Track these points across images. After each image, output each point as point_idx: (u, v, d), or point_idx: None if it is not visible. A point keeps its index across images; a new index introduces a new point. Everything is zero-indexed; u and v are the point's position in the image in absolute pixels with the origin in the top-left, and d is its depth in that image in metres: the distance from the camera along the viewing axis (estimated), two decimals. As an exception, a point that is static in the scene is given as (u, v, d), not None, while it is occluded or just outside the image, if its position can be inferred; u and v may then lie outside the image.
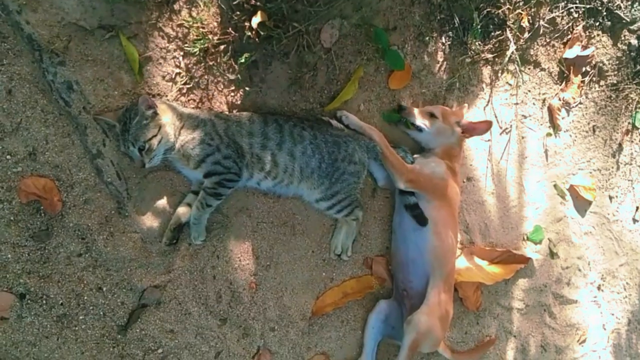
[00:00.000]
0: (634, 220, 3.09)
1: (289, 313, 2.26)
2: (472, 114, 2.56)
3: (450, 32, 2.43)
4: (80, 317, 1.95)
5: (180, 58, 2.02)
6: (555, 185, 2.80)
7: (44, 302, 1.90)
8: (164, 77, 2.01)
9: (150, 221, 2.02)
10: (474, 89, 2.56)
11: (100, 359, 1.98)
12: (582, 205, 2.90)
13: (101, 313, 1.98)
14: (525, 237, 2.73)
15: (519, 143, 2.69)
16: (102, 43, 1.90)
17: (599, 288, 2.99)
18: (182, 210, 2.03)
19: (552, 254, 2.80)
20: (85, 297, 1.95)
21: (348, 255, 2.32)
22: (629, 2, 2.76)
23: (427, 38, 2.38)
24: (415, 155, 2.37)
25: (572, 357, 2.91)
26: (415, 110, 2.35)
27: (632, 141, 3.03)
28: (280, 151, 2.06)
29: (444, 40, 2.43)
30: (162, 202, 2.04)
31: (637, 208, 3.08)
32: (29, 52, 1.82)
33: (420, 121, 2.33)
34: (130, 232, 2.00)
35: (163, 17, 1.98)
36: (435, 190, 2.25)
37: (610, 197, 3.00)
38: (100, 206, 1.95)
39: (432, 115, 2.33)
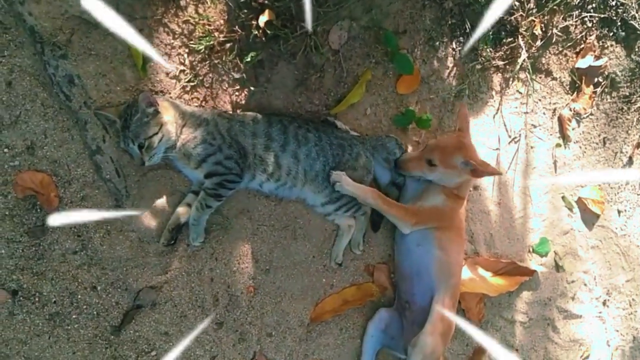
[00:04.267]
0: (642, 235, 3.03)
1: (287, 319, 2.21)
2: (480, 121, 2.51)
3: (461, 38, 2.39)
4: (73, 316, 1.91)
5: (185, 55, 1.98)
6: (563, 197, 2.74)
7: (37, 299, 1.86)
8: (167, 74, 1.97)
9: (148, 220, 1.98)
10: (483, 96, 2.50)
11: (92, 359, 1.94)
12: (589, 218, 2.84)
13: (95, 312, 1.94)
14: (531, 249, 2.67)
15: (527, 153, 2.64)
16: (106, 37, 1.86)
17: (604, 303, 2.93)
18: (181, 210, 1.98)
19: (558, 267, 2.74)
20: (79, 296, 1.91)
21: (360, 249, 2.28)
22: (645, 13, 2.71)
23: (437, 43, 2.33)
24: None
25: (575, 373, 2.85)
26: (410, 161, 2.18)
27: (643, 155, 2.97)
28: (284, 153, 2.01)
29: (454, 46, 2.38)
30: (161, 202, 2.00)
31: (646, 223, 3.02)
32: (30, 44, 1.79)
33: (418, 173, 2.17)
34: (128, 231, 1.95)
35: (169, 13, 1.94)
36: (441, 219, 2.17)
37: (619, 211, 2.94)
38: (97, 203, 1.91)
39: (430, 163, 2.10)
